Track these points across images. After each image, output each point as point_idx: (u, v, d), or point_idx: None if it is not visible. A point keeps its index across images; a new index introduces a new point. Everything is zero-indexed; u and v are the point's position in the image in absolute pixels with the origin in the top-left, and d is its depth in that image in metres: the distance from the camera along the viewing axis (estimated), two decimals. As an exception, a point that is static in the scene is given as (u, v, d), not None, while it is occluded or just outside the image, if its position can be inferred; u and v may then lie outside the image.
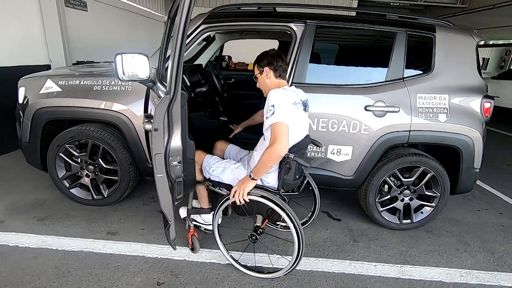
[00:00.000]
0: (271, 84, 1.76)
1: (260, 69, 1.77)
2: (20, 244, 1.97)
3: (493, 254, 2.19)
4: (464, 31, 2.28)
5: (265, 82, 1.78)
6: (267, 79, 1.76)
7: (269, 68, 1.74)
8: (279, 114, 1.55)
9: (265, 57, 1.75)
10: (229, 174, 1.81)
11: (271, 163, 1.56)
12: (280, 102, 1.58)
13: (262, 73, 1.76)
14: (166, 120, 1.37)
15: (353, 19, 2.21)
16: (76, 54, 4.50)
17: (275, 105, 1.57)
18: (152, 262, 1.89)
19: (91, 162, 2.35)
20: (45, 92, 2.26)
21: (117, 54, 1.53)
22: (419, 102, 2.13)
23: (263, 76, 1.77)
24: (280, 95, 1.62)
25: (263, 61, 1.75)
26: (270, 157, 1.53)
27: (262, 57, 1.76)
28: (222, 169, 1.84)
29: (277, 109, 1.56)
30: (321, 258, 2.04)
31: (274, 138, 1.54)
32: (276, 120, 1.54)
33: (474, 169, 2.25)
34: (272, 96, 1.61)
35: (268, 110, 1.58)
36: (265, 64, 1.74)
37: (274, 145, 1.52)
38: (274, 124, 1.55)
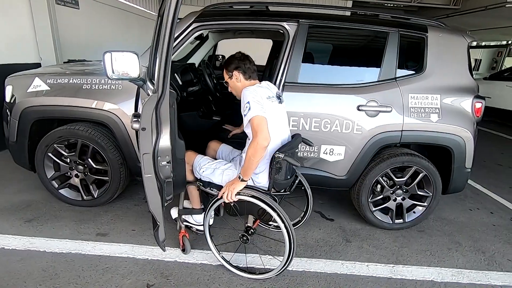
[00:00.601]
0: (242, 86, 1.76)
1: (229, 73, 1.79)
2: (6, 246, 1.92)
3: (484, 254, 2.21)
4: (456, 31, 2.29)
5: (236, 85, 1.81)
6: (237, 83, 1.79)
7: (237, 72, 1.77)
8: (255, 109, 1.58)
9: (232, 62, 1.78)
10: (219, 175, 1.80)
11: (257, 157, 1.55)
12: (253, 97, 1.62)
13: (232, 78, 1.79)
14: (154, 119, 1.34)
15: (346, 19, 2.21)
16: (68, 52, 4.42)
17: (250, 101, 1.60)
18: (142, 264, 1.86)
19: (80, 162, 2.30)
20: (33, 91, 2.21)
21: (105, 52, 1.50)
22: (411, 102, 2.14)
23: (234, 80, 1.80)
24: (253, 91, 1.66)
25: (230, 65, 1.78)
26: (255, 150, 1.54)
27: (230, 62, 1.79)
28: (212, 170, 1.82)
29: (252, 104, 1.59)
30: (314, 258, 2.03)
31: (255, 131, 1.56)
32: (253, 115, 1.57)
33: (465, 168, 2.26)
34: (245, 94, 1.64)
35: (245, 108, 1.60)
36: (233, 68, 1.77)
37: (257, 138, 1.54)
38: (252, 119, 1.57)
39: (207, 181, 1.84)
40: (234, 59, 1.78)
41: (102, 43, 5.40)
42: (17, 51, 3.70)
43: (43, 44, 4.00)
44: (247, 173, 1.60)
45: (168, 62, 1.29)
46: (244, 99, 1.63)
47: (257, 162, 1.58)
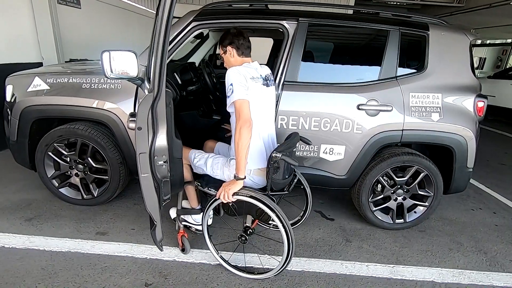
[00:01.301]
0: (235, 62, 1.79)
1: (224, 48, 1.80)
2: (6, 245, 1.93)
3: (486, 254, 2.18)
4: (457, 29, 2.26)
5: (229, 60, 1.81)
6: (231, 58, 1.79)
7: (231, 47, 1.77)
8: (238, 92, 1.58)
9: (227, 37, 1.78)
10: (210, 166, 1.83)
11: (243, 140, 1.53)
12: (237, 79, 1.61)
13: (226, 53, 1.80)
14: (150, 118, 1.33)
15: (346, 17, 2.19)
16: (69, 51, 4.44)
17: (233, 83, 1.59)
18: (141, 263, 1.86)
19: (80, 161, 2.31)
20: (33, 90, 2.22)
21: (104, 51, 1.49)
22: (412, 101, 2.11)
23: (228, 56, 1.80)
24: (237, 71, 1.65)
25: (225, 40, 1.78)
26: (239, 134, 1.53)
27: (224, 37, 1.79)
28: (204, 159, 1.86)
29: (236, 87, 1.59)
30: (313, 258, 2.02)
31: (239, 115, 1.57)
32: (235, 98, 1.57)
33: (467, 168, 2.23)
34: (229, 75, 1.63)
35: (228, 89, 1.60)
36: (228, 43, 1.77)
37: (239, 121, 1.55)
38: (235, 102, 1.58)
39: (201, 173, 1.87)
40: (229, 34, 1.78)
41: (103, 42, 5.41)
42: (18, 50, 3.72)
43: (44, 43, 4.02)
44: (239, 166, 1.57)
45: (164, 62, 1.28)
46: (228, 80, 1.62)
47: (245, 148, 1.55)
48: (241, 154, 1.55)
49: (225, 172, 1.78)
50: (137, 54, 1.49)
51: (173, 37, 2.07)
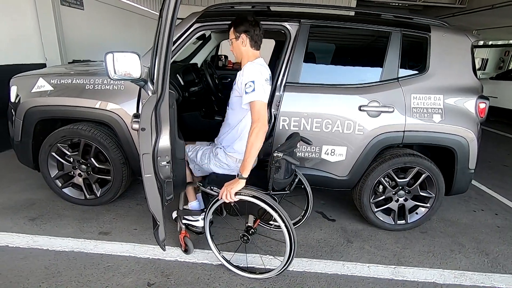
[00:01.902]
0: (246, 52, 1.78)
1: (237, 34, 1.75)
2: (10, 244, 1.95)
3: (488, 255, 2.18)
4: (459, 31, 2.26)
5: (239, 48, 1.78)
6: (242, 46, 1.77)
7: (246, 35, 1.74)
8: (260, 92, 1.60)
9: (243, 23, 1.74)
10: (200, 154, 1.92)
11: (259, 142, 1.56)
12: (259, 78, 1.63)
13: (238, 39, 1.76)
14: (153, 119, 1.35)
15: (348, 19, 2.19)
16: (72, 52, 4.47)
17: (255, 81, 1.61)
18: (143, 263, 1.87)
19: (83, 162, 2.33)
20: (37, 91, 2.24)
21: (107, 52, 1.51)
22: (414, 102, 2.12)
23: (239, 43, 1.77)
24: (258, 70, 1.67)
25: (240, 26, 1.74)
26: (257, 136, 1.55)
27: (241, 23, 1.74)
28: (196, 152, 1.95)
29: (257, 86, 1.60)
30: (314, 259, 2.03)
31: (258, 116, 1.57)
32: (257, 98, 1.59)
33: (469, 169, 2.23)
34: (250, 70, 1.65)
35: (247, 85, 1.61)
36: (243, 30, 1.73)
37: (258, 123, 1.56)
38: (255, 102, 1.59)
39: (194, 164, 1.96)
40: (246, 21, 1.74)
41: (106, 43, 5.45)
42: (22, 51, 3.75)
43: (48, 44, 4.05)
44: (246, 165, 1.58)
45: (167, 63, 1.30)
46: (249, 76, 1.63)
47: (257, 150, 1.57)
48: (252, 155, 1.57)
49: (212, 161, 1.88)
50: (140, 56, 1.51)
51: (175, 38, 2.09)
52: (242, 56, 1.81)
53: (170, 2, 1.26)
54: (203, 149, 1.96)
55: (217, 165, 1.87)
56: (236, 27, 1.76)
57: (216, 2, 9.11)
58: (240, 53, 1.81)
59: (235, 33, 1.77)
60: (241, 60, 1.84)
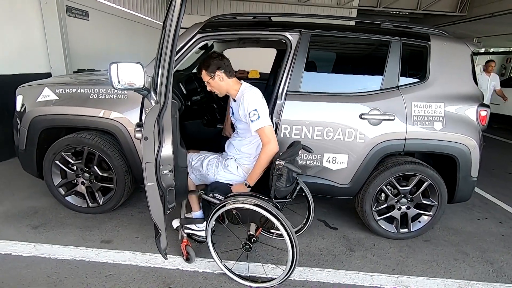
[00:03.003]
0: (227, 85, 1.87)
1: (211, 74, 1.82)
2: (13, 252, 1.96)
3: (493, 265, 2.16)
4: (458, 39, 2.29)
5: (219, 85, 1.86)
6: (221, 82, 1.85)
7: (220, 72, 1.82)
8: (264, 118, 1.75)
9: (212, 62, 1.81)
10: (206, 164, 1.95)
11: (267, 162, 1.75)
12: (260, 104, 1.77)
13: (215, 78, 1.83)
14: (156, 129, 1.37)
15: (348, 28, 2.23)
16: (77, 62, 4.54)
17: (258, 109, 1.74)
18: (145, 272, 1.87)
19: (86, 170, 2.35)
20: (42, 100, 2.28)
21: (111, 63, 1.54)
22: (415, 110, 2.13)
23: (216, 81, 1.84)
24: (257, 96, 1.80)
25: (211, 66, 1.81)
26: (268, 156, 1.74)
27: (209, 63, 1.82)
28: (200, 161, 1.98)
29: (261, 112, 1.74)
30: (317, 267, 2.02)
31: (268, 139, 1.74)
32: (264, 124, 1.74)
33: (471, 177, 2.22)
34: (251, 99, 1.77)
35: (252, 114, 1.74)
36: (216, 68, 1.81)
37: (270, 145, 1.74)
38: (263, 128, 1.74)
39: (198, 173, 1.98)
40: (213, 59, 1.81)
41: (110, 52, 5.53)
42: (29, 60, 3.82)
43: (53, 54, 4.12)
44: (254, 177, 1.78)
45: (170, 74, 1.32)
46: (250, 105, 1.75)
47: (266, 164, 1.76)
48: (261, 169, 1.77)
49: (220, 172, 1.93)
50: (144, 66, 1.54)
51: (178, 48, 2.13)
52: (225, 89, 1.89)
53: (174, 12, 1.29)
54: (209, 158, 1.98)
55: (225, 175, 1.92)
56: (207, 68, 1.82)
57: (219, 11, 9.28)
58: (222, 89, 1.88)
59: (208, 74, 1.83)
60: (227, 92, 1.92)
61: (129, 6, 6.40)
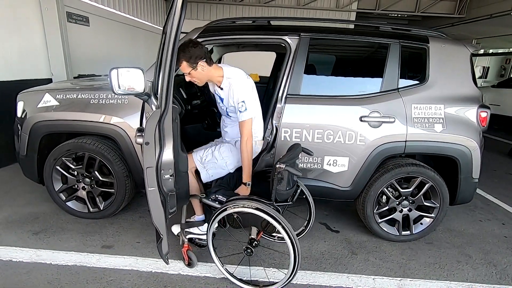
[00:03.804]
0: (209, 73, 1.79)
1: (193, 65, 1.71)
2: (14, 259, 1.95)
3: (496, 267, 2.14)
4: (457, 41, 2.29)
5: (202, 75, 1.78)
6: (203, 71, 1.76)
7: (202, 61, 1.72)
8: (251, 110, 1.78)
9: (191, 52, 1.68)
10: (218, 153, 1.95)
11: (251, 153, 1.82)
12: (249, 96, 1.79)
13: (197, 68, 1.73)
14: (157, 133, 1.37)
15: (347, 31, 2.24)
16: (78, 67, 4.57)
17: (246, 100, 1.75)
18: (146, 277, 1.86)
19: (87, 175, 2.35)
20: (43, 106, 2.28)
21: (112, 68, 1.55)
22: (415, 112, 2.13)
23: (199, 71, 1.74)
24: (247, 86, 1.80)
25: (192, 56, 1.69)
26: (248, 146, 1.79)
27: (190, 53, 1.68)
28: (211, 153, 1.95)
29: (248, 104, 1.76)
30: (319, 271, 2.00)
31: (247, 132, 1.78)
32: (247, 117, 1.77)
33: (472, 179, 2.22)
34: (239, 90, 1.76)
35: (240, 105, 1.76)
36: (198, 59, 1.70)
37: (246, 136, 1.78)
38: (246, 121, 1.78)
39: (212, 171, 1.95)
40: (193, 48, 1.67)
41: (111, 58, 5.56)
42: (30, 66, 3.84)
43: (54, 60, 4.14)
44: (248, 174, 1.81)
45: (171, 79, 1.33)
46: (240, 96, 1.75)
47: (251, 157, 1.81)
48: (249, 162, 1.80)
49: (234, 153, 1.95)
50: (144, 71, 1.55)
51: (179, 53, 2.13)
52: (206, 78, 1.82)
53: (174, 18, 1.30)
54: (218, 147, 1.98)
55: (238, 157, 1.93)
56: (188, 60, 1.69)
57: (219, 16, 9.32)
58: (204, 78, 1.80)
59: (190, 65, 1.71)
60: (209, 81, 1.88)
61: (129, 12, 6.44)
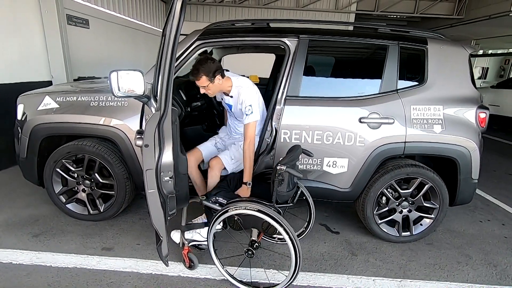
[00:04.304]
0: (223, 85, 2.00)
1: (212, 79, 1.91)
2: (14, 261, 1.95)
3: (496, 267, 2.14)
4: (456, 42, 2.30)
5: (216, 87, 1.98)
6: (219, 83, 1.96)
7: (218, 75, 1.93)
8: (256, 114, 1.95)
9: (210, 67, 1.88)
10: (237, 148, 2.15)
11: (253, 154, 1.97)
12: (256, 101, 1.96)
13: (214, 81, 1.93)
14: (157, 136, 1.37)
15: (345, 33, 2.25)
16: (78, 69, 4.58)
17: (253, 105, 1.93)
18: (146, 279, 1.86)
19: (87, 177, 2.35)
20: (43, 109, 2.29)
21: (112, 71, 1.56)
22: (414, 113, 2.14)
23: (216, 84, 1.95)
24: (254, 92, 1.99)
25: (211, 71, 1.89)
26: (250, 148, 1.94)
27: (209, 68, 1.88)
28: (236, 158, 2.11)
29: (255, 109, 1.93)
30: (319, 272, 2.00)
31: (250, 134, 1.94)
32: (252, 120, 1.94)
33: (472, 179, 2.22)
34: (247, 96, 1.95)
35: (247, 109, 1.92)
36: (216, 73, 1.91)
37: (249, 139, 1.93)
38: (251, 124, 1.94)
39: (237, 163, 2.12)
40: (211, 63, 1.87)
41: (111, 60, 5.57)
42: (30, 69, 3.85)
43: (54, 62, 4.15)
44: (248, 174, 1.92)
45: (170, 81, 1.33)
46: (248, 100, 1.93)
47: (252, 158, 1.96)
48: (251, 163, 1.93)
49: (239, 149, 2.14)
50: (144, 73, 1.55)
51: (178, 55, 2.14)
52: (219, 89, 2.02)
53: (173, 20, 1.31)
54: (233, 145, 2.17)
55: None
56: (208, 74, 1.88)
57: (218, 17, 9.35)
58: (217, 89, 2.00)
59: (209, 79, 1.90)
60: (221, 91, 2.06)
61: (129, 14, 6.46)
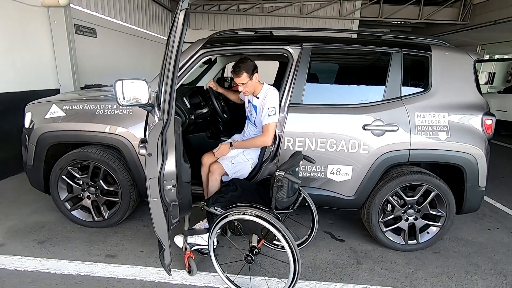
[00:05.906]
0: (257, 85, 2.17)
1: (251, 76, 2.09)
2: (19, 268, 1.97)
3: (506, 277, 2.09)
4: (460, 49, 2.30)
5: (254, 84, 2.14)
6: (256, 81, 2.13)
7: (256, 73, 2.12)
8: (277, 116, 2.07)
9: (250, 65, 2.08)
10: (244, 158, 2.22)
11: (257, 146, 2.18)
12: (277, 103, 2.10)
13: (252, 79, 2.10)
14: (160, 145, 1.38)
15: (348, 41, 2.26)
16: (85, 78, 4.66)
17: (276, 107, 2.07)
18: (149, 286, 1.86)
19: (92, 184, 2.37)
20: (50, 117, 2.33)
21: (117, 80, 1.58)
22: (418, 120, 2.12)
23: (253, 81, 2.12)
24: (277, 96, 2.12)
25: (251, 69, 2.08)
26: (262, 143, 2.13)
27: (250, 65, 2.08)
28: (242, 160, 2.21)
29: (277, 110, 2.07)
30: (323, 281, 1.98)
31: (270, 134, 2.08)
32: (274, 121, 2.07)
33: (479, 187, 2.18)
34: (274, 96, 2.09)
35: (271, 110, 2.05)
36: (255, 71, 2.10)
37: (267, 138, 2.09)
38: (272, 124, 2.07)
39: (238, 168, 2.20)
40: (250, 62, 2.07)
41: (117, 68, 5.67)
42: (39, 77, 3.93)
43: (62, 70, 4.24)
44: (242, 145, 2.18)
45: (173, 91, 1.35)
46: (272, 101, 2.07)
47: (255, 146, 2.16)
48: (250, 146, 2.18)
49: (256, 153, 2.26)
50: (148, 82, 1.57)
51: (182, 63, 2.17)
52: (254, 88, 2.16)
53: (177, 30, 1.33)
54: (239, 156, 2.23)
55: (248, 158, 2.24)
56: (248, 70, 2.06)
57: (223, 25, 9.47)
58: (253, 88, 2.15)
59: (249, 76, 2.08)
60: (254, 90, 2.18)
61: (136, 23, 6.58)
